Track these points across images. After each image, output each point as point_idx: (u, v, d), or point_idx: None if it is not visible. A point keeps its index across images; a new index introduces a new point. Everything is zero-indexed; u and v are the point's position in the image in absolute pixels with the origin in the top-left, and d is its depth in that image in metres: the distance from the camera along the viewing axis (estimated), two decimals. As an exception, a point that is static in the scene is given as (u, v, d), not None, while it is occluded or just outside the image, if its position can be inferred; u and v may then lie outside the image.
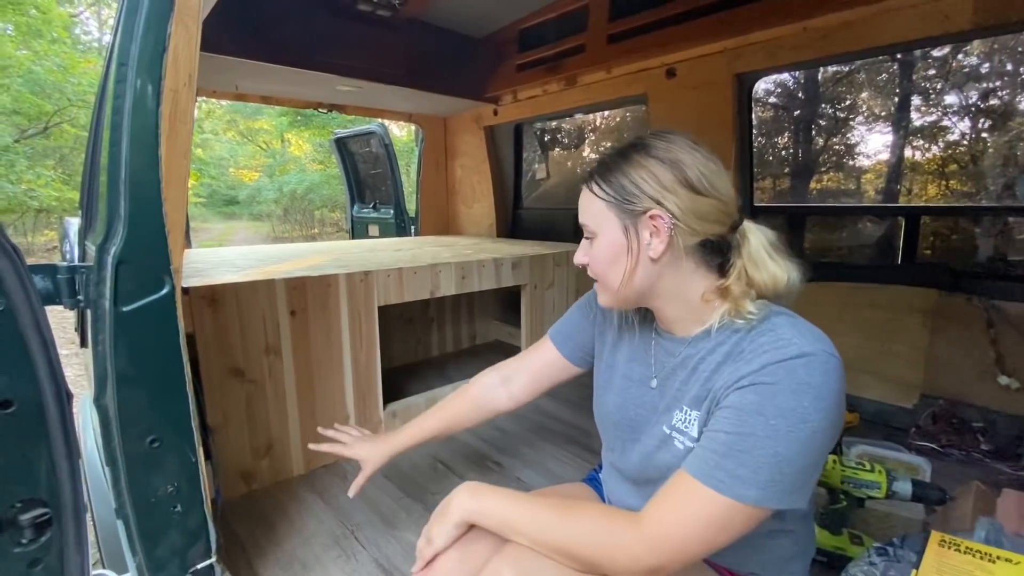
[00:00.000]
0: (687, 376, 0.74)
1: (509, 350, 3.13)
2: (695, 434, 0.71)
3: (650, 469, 0.79)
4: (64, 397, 0.77)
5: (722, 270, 0.73)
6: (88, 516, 1.06)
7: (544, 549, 0.69)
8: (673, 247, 0.71)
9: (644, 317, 0.87)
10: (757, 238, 0.73)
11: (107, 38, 14.83)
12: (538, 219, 3.82)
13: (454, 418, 1.10)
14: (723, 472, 0.61)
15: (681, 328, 0.78)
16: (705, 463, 0.63)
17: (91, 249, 0.92)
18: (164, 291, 0.90)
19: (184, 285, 1.40)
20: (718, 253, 0.73)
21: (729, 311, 0.71)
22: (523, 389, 1.07)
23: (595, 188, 0.75)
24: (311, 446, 1.20)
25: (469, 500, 0.76)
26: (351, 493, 1.11)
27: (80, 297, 0.88)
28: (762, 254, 0.72)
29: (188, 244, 2.90)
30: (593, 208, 0.76)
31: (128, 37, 0.84)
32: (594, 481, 1.05)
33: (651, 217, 0.70)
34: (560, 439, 2.01)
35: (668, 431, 0.75)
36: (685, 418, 0.73)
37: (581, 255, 0.80)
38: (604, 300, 0.81)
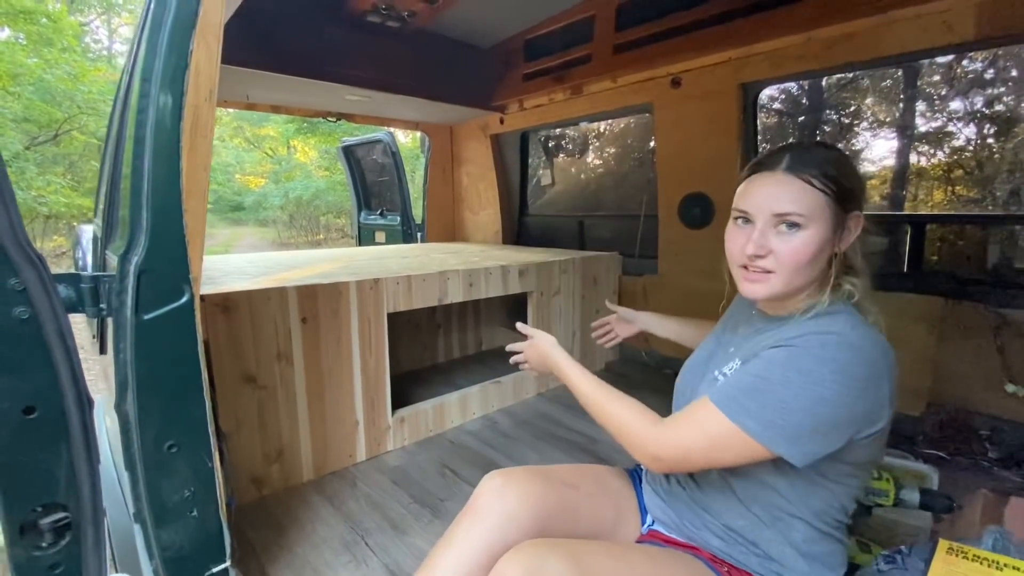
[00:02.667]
0: (753, 341, 0.83)
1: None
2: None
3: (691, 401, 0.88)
4: (85, 404, 0.79)
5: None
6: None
7: (593, 416, 0.90)
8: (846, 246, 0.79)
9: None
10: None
11: (117, 46, 15.03)
12: (544, 226, 3.84)
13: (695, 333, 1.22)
14: (736, 403, 0.72)
15: (772, 309, 0.86)
16: (724, 393, 0.74)
17: (112, 259, 0.95)
18: (184, 299, 0.92)
19: (198, 293, 1.42)
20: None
21: (813, 299, 0.79)
22: None
23: (815, 180, 0.74)
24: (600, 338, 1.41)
25: (559, 360, 1.00)
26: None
27: (103, 306, 0.90)
28: (863, 265, 0.80)
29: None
30: (807, 198, 0.74)
31: (151, 53, 0.87)
32: (634, 474, 1.09)
33: (856, 217, 0.77)
34: (565, 445, 2.02)
35: (717, 375, 0.86)
36: (732, 365, 0.84)
37: (761, 243, 0.76)
38: (763, 291, 0.78)
